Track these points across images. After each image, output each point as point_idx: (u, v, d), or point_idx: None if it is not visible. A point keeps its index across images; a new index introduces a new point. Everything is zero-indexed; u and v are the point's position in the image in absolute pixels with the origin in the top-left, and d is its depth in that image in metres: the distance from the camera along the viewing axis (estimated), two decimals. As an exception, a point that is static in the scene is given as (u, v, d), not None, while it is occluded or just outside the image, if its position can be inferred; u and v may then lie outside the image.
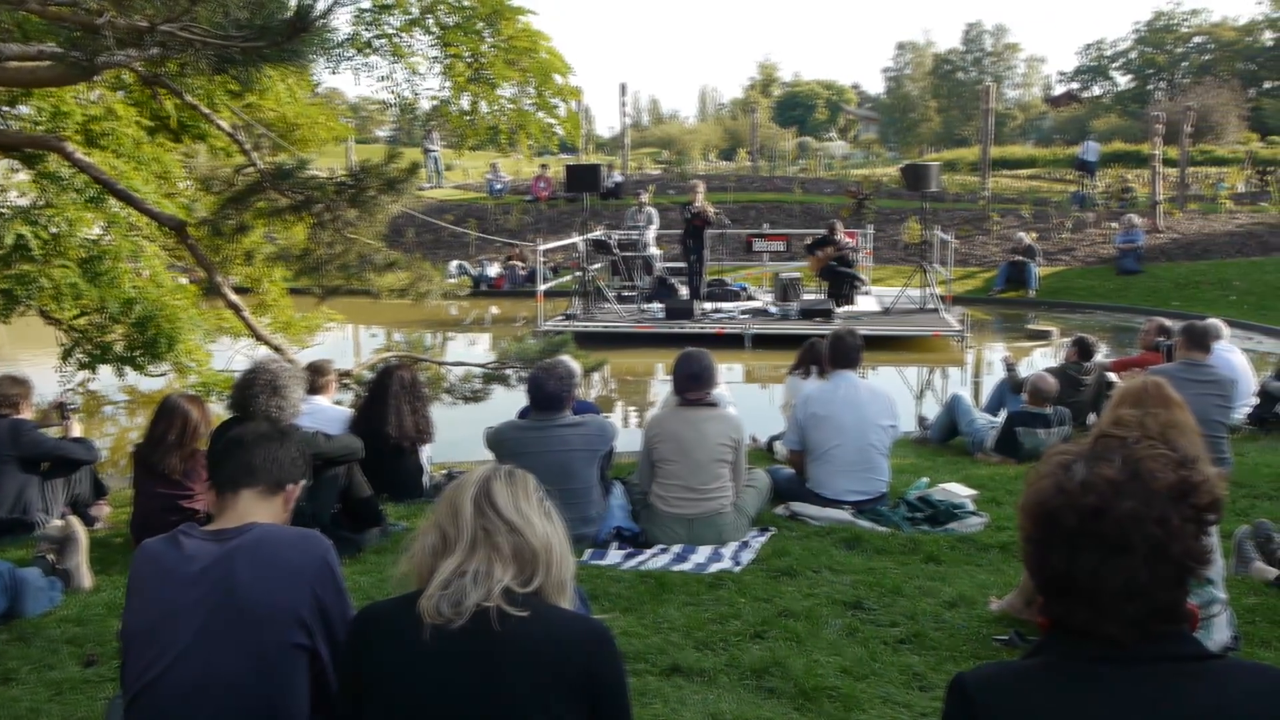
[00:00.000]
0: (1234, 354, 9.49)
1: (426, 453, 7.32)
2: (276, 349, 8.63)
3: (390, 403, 6.93)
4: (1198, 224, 24.43)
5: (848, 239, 18.65)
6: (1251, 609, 4.80)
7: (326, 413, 6.96)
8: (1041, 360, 14.56)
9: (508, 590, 2.25)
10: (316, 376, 7.14)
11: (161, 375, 9.11)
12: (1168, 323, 9.97)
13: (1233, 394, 7.81)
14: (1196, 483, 1.71)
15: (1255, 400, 9.34)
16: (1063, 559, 1.69)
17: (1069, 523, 1.68)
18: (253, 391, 5.12)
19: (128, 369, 8.64)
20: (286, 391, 5.19)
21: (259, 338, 8.76)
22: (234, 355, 9.52)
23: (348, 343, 17.14)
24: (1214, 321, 9.41)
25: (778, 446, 8.13)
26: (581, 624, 2.35)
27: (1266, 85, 72.69)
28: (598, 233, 19.81)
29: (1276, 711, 1.67)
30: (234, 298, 8.56)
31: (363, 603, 2.55)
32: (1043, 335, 16.83)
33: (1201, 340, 7.52)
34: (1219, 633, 4.24)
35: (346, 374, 8.77)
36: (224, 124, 8.82)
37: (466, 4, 9.40)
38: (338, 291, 9.43)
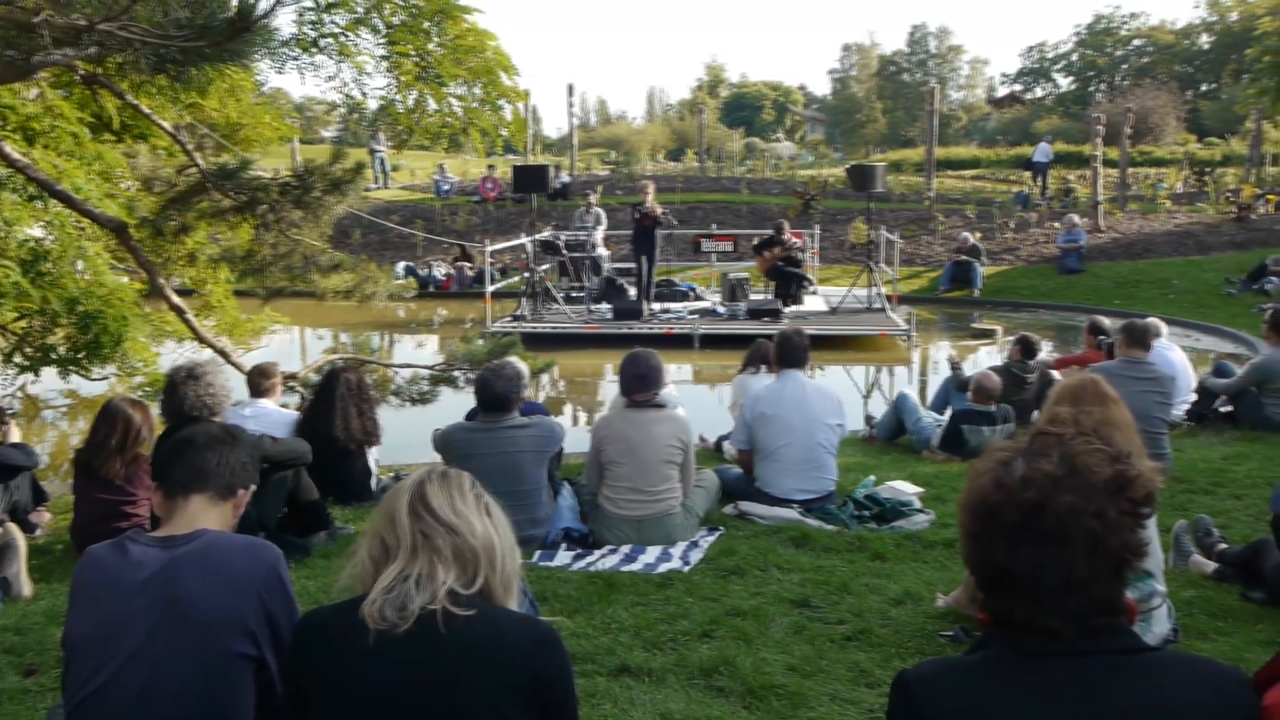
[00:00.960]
0: (1173, 351, 9.65)
1: (374, 455, 7.28)
2: (221, 352, 8.54)
3: (337, 405, 6.88)
4: (1138, 224, 24.82)
5: (795, 239, 18.75)
6: (1190, 602, 4.89)
7: (272, 416, 6.89)
8: (986, 359, 14.72)
9: (452, 592, 2.24)
10: (262, 379, 7.08)
11: (104, 379, 8.97)
12: (1105, 321, 10.13)
13: (1172, 391, 7.94)
14: (1132, 477, 1.74)
15: (1194, 397, 9.50)
16: (1004, 554, 1.70)
17: (1010, 518, 1.70)
18: (177, 391, 5.09)
19: (72, 371, 8.50)
20: (207, 377, 5.16)
21: (202, 340, 8.65)
22: (178, 359, 9.40)
23: (294, 345, 16.99)
24: (1153, 320, 9.56)
25: (726, 446, 8.16)
26: (528, 626, 2.35)
27: (1204, 87, 74.02)
28: (546, 233, 19.78)
29: (1212, 702, 1.70)
30: (177, 300, 8.44)
31: (310, 608, 2.53)
32: (987, 334, 17.01)
33: (1141, 338, 7.64)
34: (1159, 625, 4.31)
35: (292, 377, 8.69)
36: (166, 124, 8.71)
37: (413, 2, 9.35)
38: (283, 293, 9.34)
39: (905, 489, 6.87)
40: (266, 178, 8.27)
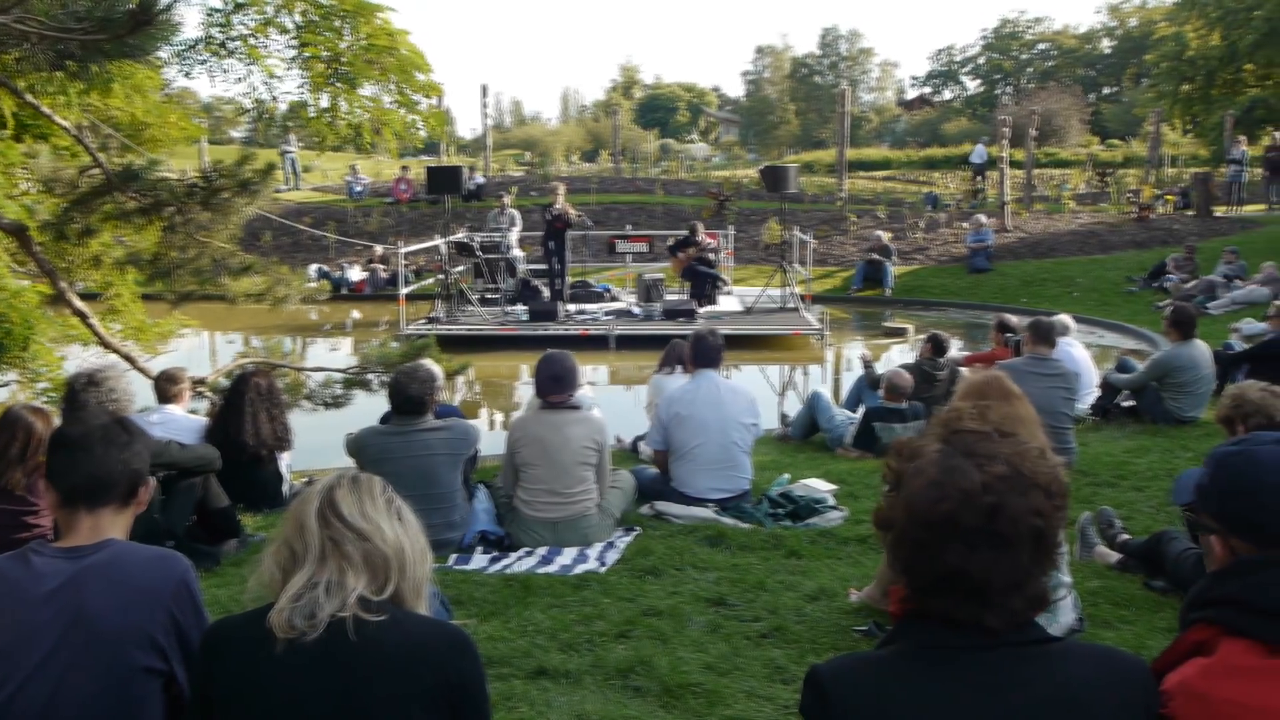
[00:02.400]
0: (1075, 348, 9.87)
1: (286, 461, 7.17)
2: (126, 357, 8.35)
3: (246, 409, 6.77)
4: (1043, 224, 25.37)
5: (709, 240, 18.85)
6: (1095, 592, 5.01)
7: (180, 422, 6.75)
8: (898, 357, 14.94)
9: (362, 599, 2.21)
10: (169, 385, 6.92)
11: (4, 385, 8.72)
12: (1012, 319, 10.34)
13: (1076, 386, 8.13)
14: (1058, 475, 1.79)
15: (1098, 392, 9.73)
16: (959, 557, 1.71)
17: (970, 522, 1.71)
18: (78, 398, 4.99)
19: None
20: (109, 383, 5.07)
21: (107, 346, 8.45)
22: (84, 364, 9.17)
23: (203, 349, 16.68)
24: (1061, 317, 9.80)
25: (642, 447, 8.18)
26: (440, 630, 2.33)
27: (1105, 91, 75.96)
28: (460, 235, 19.65)
29: (1114, 689, 1.76)
30: (80, 304, 8.24)
31: (219, 616, 2.48)
32: (899, 332, 17.26)
33: (1047, 336, 7.81)
34: (1065, 616, 4.41)
35: (201, 382, 8.52)
36: (68, 123, 8.49)
37: (324, 2, 9.23)
38: (191, 297, 9.16)
39: (819, 486, 6.95)
40: (173, 179, 8.10)
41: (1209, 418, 9.04)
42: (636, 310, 17.37)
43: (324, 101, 9.48)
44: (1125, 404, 9.47)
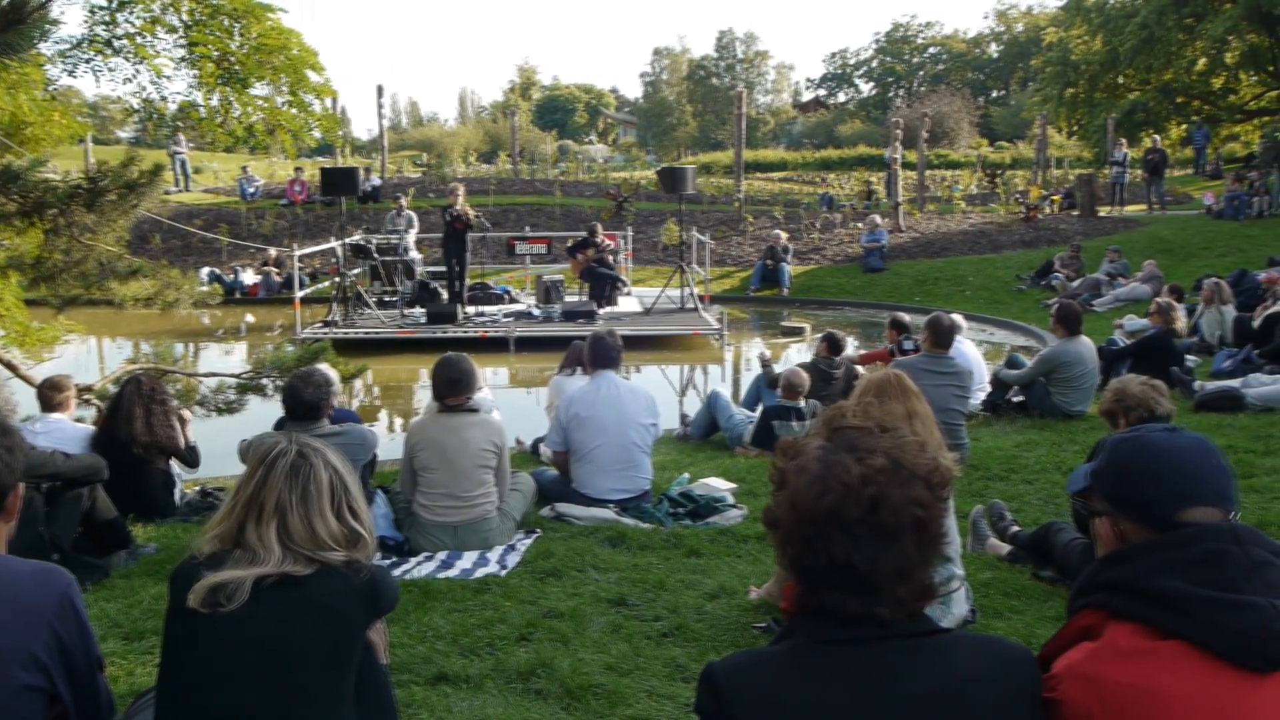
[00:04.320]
0: (965, 345, 10.09)
1: (177, 468, 7.01)
2: (9, 365, 8.09)
3: (133, 412, 6.59)
4: (935, 224, 25.90)
5: (608, 241, 18.88)
6: (986, 583, 5.13)
7: (65, 431, 6.56)
8: (796, 355, 15.12)
9: None
10: (54, 393, 6.73)
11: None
12: (905, 317, 10.54)
13: (970, 384, 8.32)
14: (939, 466, 1.83)
15: (988, 388, 9.96)
16: (844, 550, 1.74)
17: (852, 514, 1.74)
18: None
19: None
20: None
21: (-12, 353, 8.19)
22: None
23: (90, 356, 16.24)
24: (955, 317, 10.01)
25: (542, 449, 8.16)
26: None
27: (994, 94, 77.80)
28: (356, 237, 19.41)
29: (999, 678, 1.81)
30: (-44, 311, 7.97)
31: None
32: (796, 331, 17.47)
33: (944, 336, 7.97)
34: (958, 607, 4.51)
35: (88, 389, 8.30)
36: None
37: (214, 1, 9.06)
38: (77, 301, 8.90)
39: (719, 485, 7.01)
40: (56, 180, 7.87)
41: (1095, 411, 9.33)
42: (536, 312, 17.33)
43: (215, 101, 9.32)
44: (1015, 399, 9.71)
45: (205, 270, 22.12)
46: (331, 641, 2.60)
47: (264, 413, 8.09)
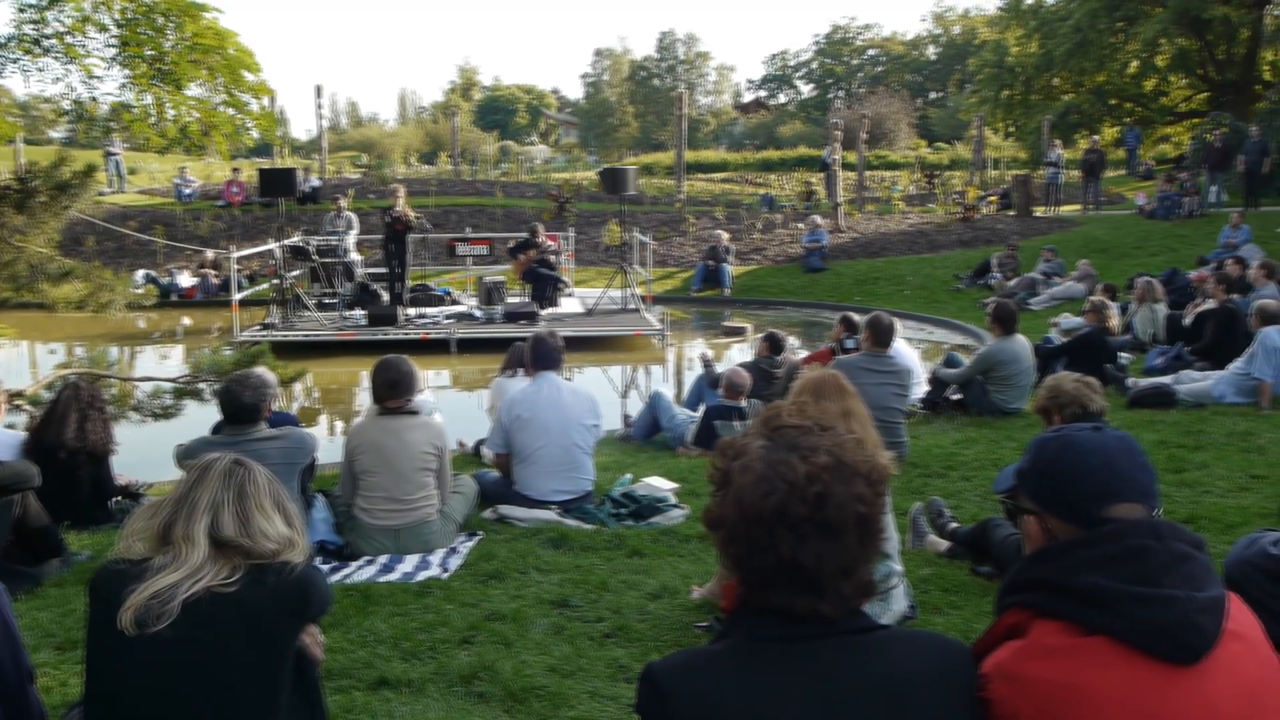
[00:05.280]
0: (899, 343, 10.16)
1: (118, 478, 6.89)
2: (-64, 370, 7.92)
3: (67, 417, 6.47)
4: (875, 224, 26.12)
5: (550, 242, 18.84)
6: (926, 579, 5.19)
7: (-4, 437, 6.44)
8: (738, 355, 15.17)
9: None
10: (-17, 398, 6.60)
11: None
12: (855, 316, 10.61)
13: (909, 383, 8.40)
14: (877, 463, 1.85)
15: (926, 386, 10.07)
16: (791, 548, 1.75)
17: (799, 512, 1.75)
18: None
19: None
20: None
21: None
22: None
23: (22, 360, 15.93)
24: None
25: (484, 450, 8.13)
26: None
27: (932, 96, 78.68)
28: (295, 239, 19.20)
29: (936, 674, 1.83)
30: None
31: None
32: (738, 331, 17.52)
33: (883, 335, 8.04)
34: (897, 604, 4.56)
35: (19, 394, 8.15)
36: None
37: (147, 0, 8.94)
38: (7, 305, 8.75)
39: (661, 485, 7.02)
40: (-17, 181, 7.72)
41: (1031, 409, 9.47)
42: (478, 313, 17.25)
43: (148, 102, 9.19)
44: (953, 397, 9.82)
45: (140, 273, 21.76)
46: (262, 658, 2.57)
47: (201, 417, 7.99)
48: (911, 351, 10.45)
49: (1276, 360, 9.10)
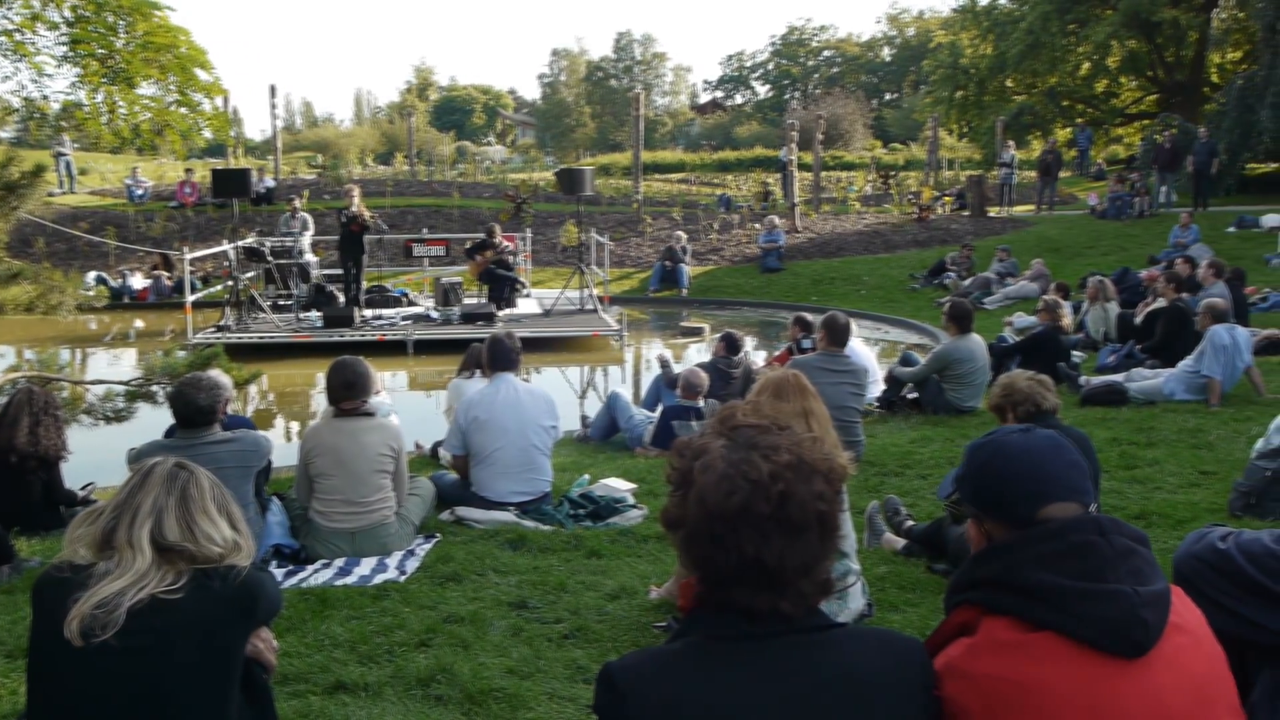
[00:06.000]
0: (854, 342, 10.22)
1: (73, 486, 6.80)
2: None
3: (19, 422, 6.38)
4: (831, 224, 26.26)
5: (507, 242, 18.78)
6: (882, 577, 5.22)
7: (-57, 442, 6.34)
8: (695, 355, 15.19)
9: None
10: (-70, 403, 6.50)
11: None
12: (809, 317, 10.66)
13: (865, 382, 8.45)
14: (835, 462, 1.87)
15: (882, 385, 10.13)
16: (754, 546, 1.76)
17: (762, 510, 1.76)
18: None
19: None
20: None
21: None
22: None
23: (-31, 364, 15.69)
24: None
25: (442, 452, 8.10)
26: None
27: (887, 97, 79.21)
28: (249, 240, 19.03)
29: (892, 670, 1.85)
30: None
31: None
32: (695, 332, 17.55)
33: (840, 335, 8.08)
34: (854, 601, 4.58)
35: (-34, 398, 8.01)
36: None
37: (98, -2, 8.85)
38: (-47, 308, 8.60)
39: (619, 486, 7.02)
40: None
41: (986, 407, 9.55)
42: (434, 314, 17.17)
43: (99, 100, 9.09)
44: (909, 396, 9.89)
45: (92, 274, 21.48)
46: (210, 665, 2.55)
47: (154, 420, 7.89)
48: (866, 350, 10.51)
49: (1225, 358, 9.24)
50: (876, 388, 10.04)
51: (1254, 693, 2.18)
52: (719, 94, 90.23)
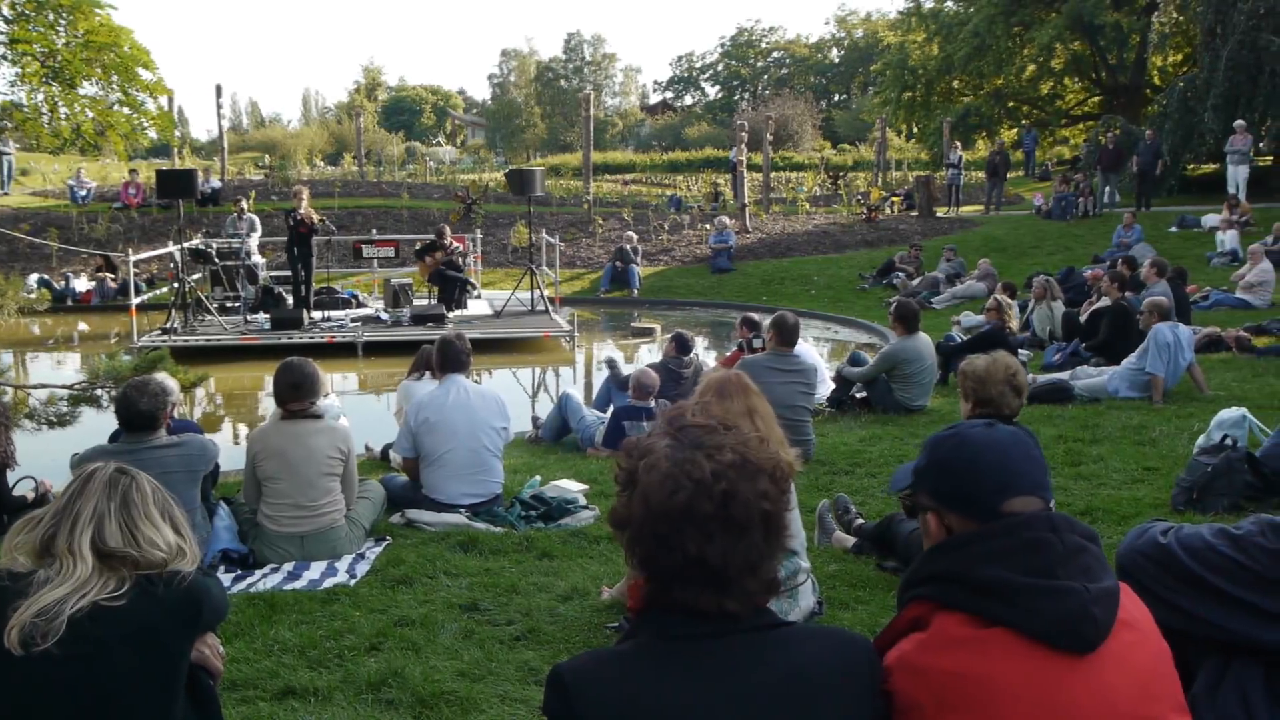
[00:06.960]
0: (802, 343, 10.29)
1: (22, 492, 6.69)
2: None
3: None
4: (781, 225, 26.40)
5: (457, 244, 18.72)
6: (833, 575, 5.25)
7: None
8: (647, 356, 15.21)
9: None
10: None
11: None
12: (755, 316, 10.70)
13: (815, 381, 8.50)
14: (780, 460, 1.88)
15: (830, 384, 10.19)
16: (697, 545, 1.77)
17: (705, 510, 1.77)
18: None
19: None
20: None
21: None
22: None
23: (-92, 368, 15.38)
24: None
25: (392, 454, 8.05)
26: None
27: (836, 98, 79.72)
28: (196, 241, 18.81)
29: (841, 668, 1.86)
30: None
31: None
32: (646, 332, 17.58)
33: (789, 335, 8.12)
34: (804, 600, 4.60)
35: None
36: None
37: (36, -4, 8.72)
38: (-111, 311, 8.45)
39: (570, 487, 7.02)
40: None
41: (934, 405, 9.64)
42: (384, 316, 17.07)
43: (39, 100, 8.96)
44: (858, 395, 9.95)
45: (33, 277, 21.14)
46: (154, 672, 2.52)
47: (99, 425, 7.79)
48: (814, 350, 10.57)
49: (1168, 355, 9.38)
50: (825, 387, 10.10)
51: (1195, 685, 2.22)
52: (669, 95, 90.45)
